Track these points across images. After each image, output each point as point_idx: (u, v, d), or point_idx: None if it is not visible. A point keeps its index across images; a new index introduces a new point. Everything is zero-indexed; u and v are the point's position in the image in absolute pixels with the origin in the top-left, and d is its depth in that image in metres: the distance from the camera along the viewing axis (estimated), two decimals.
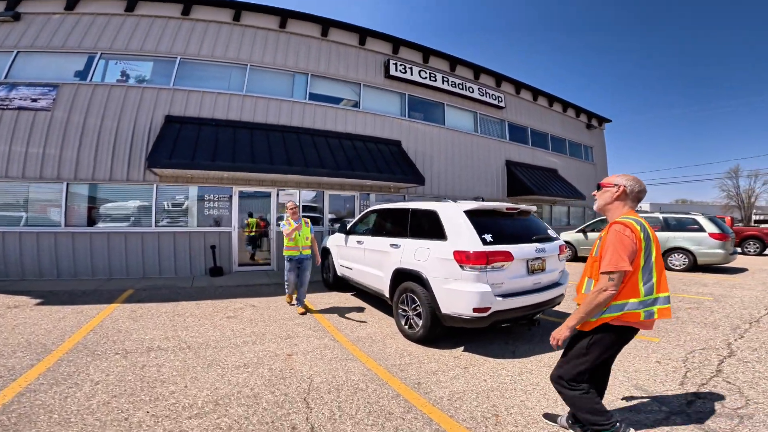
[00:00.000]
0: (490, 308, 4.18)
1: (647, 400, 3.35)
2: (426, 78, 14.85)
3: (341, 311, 6.42)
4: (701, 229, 10.88)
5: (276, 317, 6.01)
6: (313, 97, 12.55)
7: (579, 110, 22.50)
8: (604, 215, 2.54)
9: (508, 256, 4.34)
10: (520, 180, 16.67)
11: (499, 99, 17.37)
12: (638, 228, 2.27)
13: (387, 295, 5.56)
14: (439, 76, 15.26)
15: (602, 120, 24.19)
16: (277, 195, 11.35)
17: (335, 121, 12.75)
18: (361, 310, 6.56)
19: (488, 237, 4.40)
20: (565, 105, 21.56)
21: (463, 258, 4.27)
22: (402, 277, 5.18)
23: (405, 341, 4.90)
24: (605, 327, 2.34)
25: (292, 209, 6.31)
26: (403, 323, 5.07)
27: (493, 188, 16.80)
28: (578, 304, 2.40)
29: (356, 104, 13.44)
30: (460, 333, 5.10)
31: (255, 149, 10.37)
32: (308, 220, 6.50)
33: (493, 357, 4.37)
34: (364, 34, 13.66)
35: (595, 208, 2.58)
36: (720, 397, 3.35)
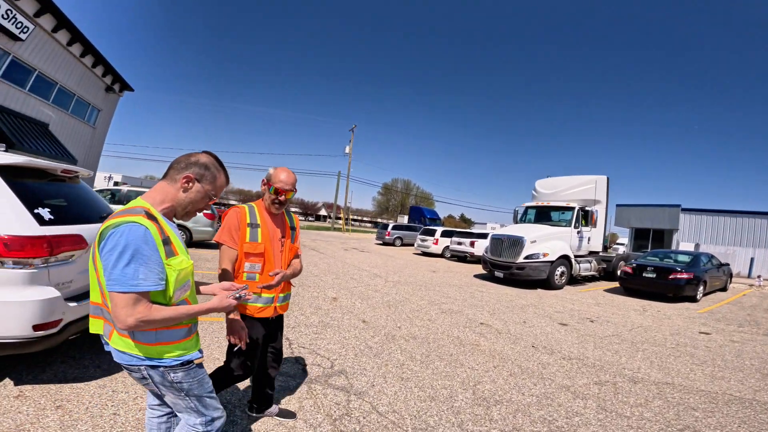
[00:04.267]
0: (61, 320, 2.70)
1: None
2: None
3: None
4: None
5: None
6: None
7: (109, 69, 19.58)
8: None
9: (80, 242, 2.90)
10: None
11: (25, 30, 12.82)
12: None
13: None
14: None
15: (126, 87, 22.17)
16: None
17: None
18: None
19: (45, 213, 2.81)
20: (98, 60, 18.24)
21: (1, 248, 2.52)
22: None
23: None
24: None
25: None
26: None
27: None
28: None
29: None
30: None
31: None
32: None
33: (79, 381, 2.93)
34: None
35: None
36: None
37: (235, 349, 2.21)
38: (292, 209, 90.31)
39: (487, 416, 3.08)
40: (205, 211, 11.82)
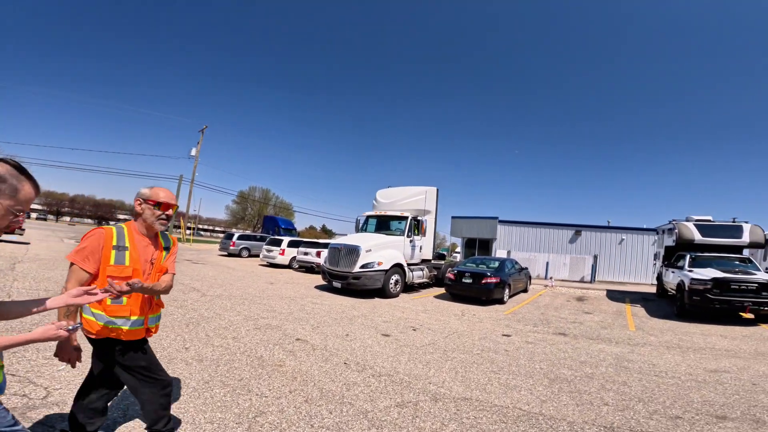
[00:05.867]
0: None
1: None
2: None
3: None
4: None
5: None
6: None
7: None
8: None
9: None
10: None
11: None
12: None
13: None
14: None
15: None
16: None
17: None
18: None
19: None
20: None
21: None
22: None
23: None
24: None
25: None
26: None
27: None
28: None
29: None
30: None
31: None
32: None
33: None
34: None
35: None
36: None
37: (97, 372, 2.06)
38: (120, 216, 76.42)
39: None
40: None
